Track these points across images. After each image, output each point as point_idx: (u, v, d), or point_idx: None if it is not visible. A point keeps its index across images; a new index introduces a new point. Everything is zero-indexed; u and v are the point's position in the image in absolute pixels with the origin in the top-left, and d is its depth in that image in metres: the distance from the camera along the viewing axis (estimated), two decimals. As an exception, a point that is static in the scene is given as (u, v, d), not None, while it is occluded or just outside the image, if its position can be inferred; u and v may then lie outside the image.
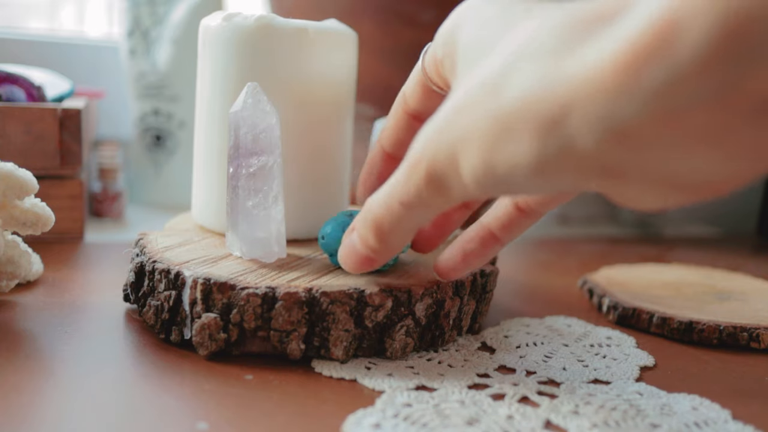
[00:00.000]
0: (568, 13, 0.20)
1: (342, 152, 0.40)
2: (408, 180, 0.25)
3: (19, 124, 0.47)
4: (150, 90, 0.64)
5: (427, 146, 0.24)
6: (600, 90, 0.18)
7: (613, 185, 0.21)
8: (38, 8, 0.79)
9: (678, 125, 0.18)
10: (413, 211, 0.25)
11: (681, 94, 0.17)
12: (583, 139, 0.19)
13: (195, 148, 0.40)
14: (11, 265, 0.35)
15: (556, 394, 0.28)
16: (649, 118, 0.18)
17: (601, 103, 0.18)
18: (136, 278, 0.33)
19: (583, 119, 0.19)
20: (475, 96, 0.22)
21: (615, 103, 0.18)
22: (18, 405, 0.25)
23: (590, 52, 0.19)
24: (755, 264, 0.59)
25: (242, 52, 0.36)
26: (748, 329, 0.36)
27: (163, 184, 0.66)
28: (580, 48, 0.19)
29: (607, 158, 0.19)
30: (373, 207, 0.27)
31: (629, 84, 0.18)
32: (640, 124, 0.18)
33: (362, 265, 0.29)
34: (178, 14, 0.63)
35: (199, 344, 0.29)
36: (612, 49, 0.18)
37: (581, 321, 0.39)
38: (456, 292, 0.33)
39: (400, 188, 0.25)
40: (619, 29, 0.18)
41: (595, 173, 0.20)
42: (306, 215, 0.38)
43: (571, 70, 0.19)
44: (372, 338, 0.30)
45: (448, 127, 0.23)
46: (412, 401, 0.27)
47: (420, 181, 0.24)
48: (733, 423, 0.27)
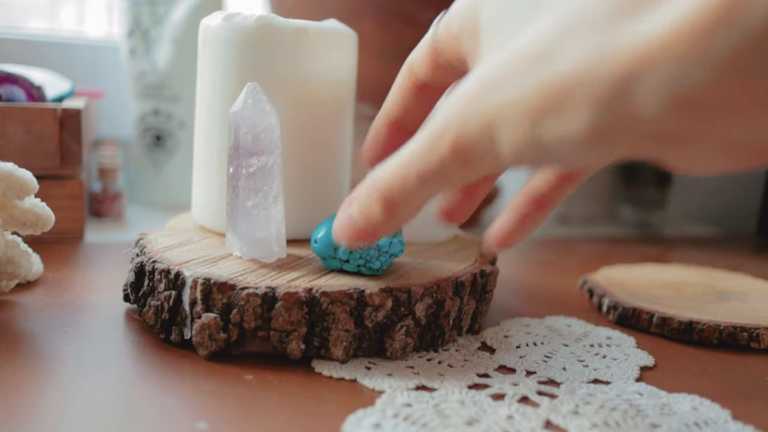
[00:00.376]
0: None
1: (342, 152, 0.40)
2: (430, 152, 0.24)
3: (19, 124, 0.47)
4: (150, 90, 0.64)
5: (455, 118, 0.23)
6: (667, 57, 0.18)
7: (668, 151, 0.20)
8: (38, 8, 0.79)
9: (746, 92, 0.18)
10: (430, 184, 0.25)
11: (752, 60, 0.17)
12: (646, 107, 0.19)
13: (195, 148, 0.40)
14: (11, 265, 0.35)
15: (556, 394, 0.28)
16: (717, 85, 0.18)
17: (668, 70, 0.18)
18: (136, 278, 0.33)
19: (648, 87, 0.19)
20: (517, 66, 0.22)
21: (683, 69, 0.18)
22: (18, 405, 0.25)
23: (652, 19, 0.19)
24: (755, 264, 0.59)
25: (242, 52, 0.36)
26: (748, 329, 0.36)
27: (163, 184, 0.66)
28: (639, 16, 0.19)
29: (669, 126, 0.19)
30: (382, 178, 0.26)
31: (698, 50, 0.18)
32: (707, 91, 0.18)
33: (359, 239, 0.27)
34: (178, 14, 0.63)
35: (199, 344, 0.29)
36: (678, 15, 0.18)
37: (581, 321, 0.39)
38: (456, 292, 0.33)
39: (419, 160, 0.24)
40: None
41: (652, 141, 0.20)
42: (306, 215, 0.38)
43: (632, 37, 0.19)
44: (372, 338, 0.30)
45: (482, 98, 0.22)
46: (412, 401, 0.27)
47: (445, 152, 0.24)
48: (733, 423, 0.27)
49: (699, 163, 0.21)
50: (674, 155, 0.21)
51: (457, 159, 0.23)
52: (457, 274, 0.33)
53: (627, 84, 0.19)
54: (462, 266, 0.35)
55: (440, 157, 0.24)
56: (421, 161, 0.24)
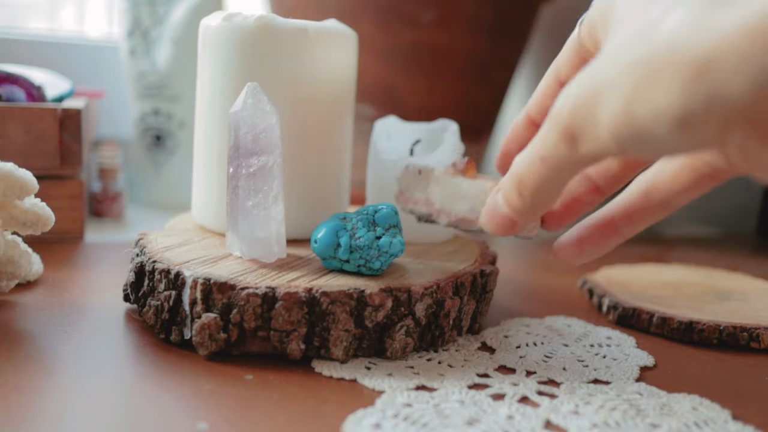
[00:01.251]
0: None
1: (342, 152, 0.40)
2: (548, 134, 0.25)
3: (19, 124, 0.47)
4: (150, 90, 0.64)
5: (569, 100, 0.24)
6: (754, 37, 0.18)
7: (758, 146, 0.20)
8: (38, 8, 0.79)
9: None
10: (553, 168, 0.25)
11: None
12: (734, 87, 0.19)
13: (195, 148, 0.40)
14: (11, 265, 0.35)
15: (556, 394, 0.28)
16: None
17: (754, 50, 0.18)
18: (136, 278, 0.33)
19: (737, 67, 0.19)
20: (624, 47, 0.22)
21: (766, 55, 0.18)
22: (18, 405, 0.25)
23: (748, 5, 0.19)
24: (755, 264, 0.59)
25: (242, 52, 0.36)
26: (748, 329, 0.36)
27: (163, 184, 0.66)
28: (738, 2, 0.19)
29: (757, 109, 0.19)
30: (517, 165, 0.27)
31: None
32: None
33: (504, 227, 0.28)
34: (178, 14, 0.63)
35: (199, 344, 0.29)
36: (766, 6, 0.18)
37: (581, 321, 0.39)
38: (456, 292, 0.33)
39: (541, 144, 0.25)
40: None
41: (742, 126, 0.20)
42: (306, 215, 0.38)
43: (728, 16, 0.19)
44: (372, 338, 0.30)
45: (592, 81, 0.23)
46: (412, 401, 0.27)
47: (558, 133, 0.24)
48: (733, 423, 0.27)
49: None
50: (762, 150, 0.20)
51: (567, 138, 0.24)
52: (457, 274, 0.33)
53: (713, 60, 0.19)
54: (462, 266, 0.35)
55: (555, 138, 0.24)
56: (542, 145, 0.25)
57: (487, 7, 0.59)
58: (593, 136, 0.23)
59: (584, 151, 0.24)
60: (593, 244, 0.30)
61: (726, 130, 0.20)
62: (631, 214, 0.30)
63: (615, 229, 0.30)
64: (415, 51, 0.59)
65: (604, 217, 0.30)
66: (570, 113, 0.24)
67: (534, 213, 0.27)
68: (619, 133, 0.22)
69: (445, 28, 0.58)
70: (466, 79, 0.61)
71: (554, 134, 0.24)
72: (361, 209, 0.33)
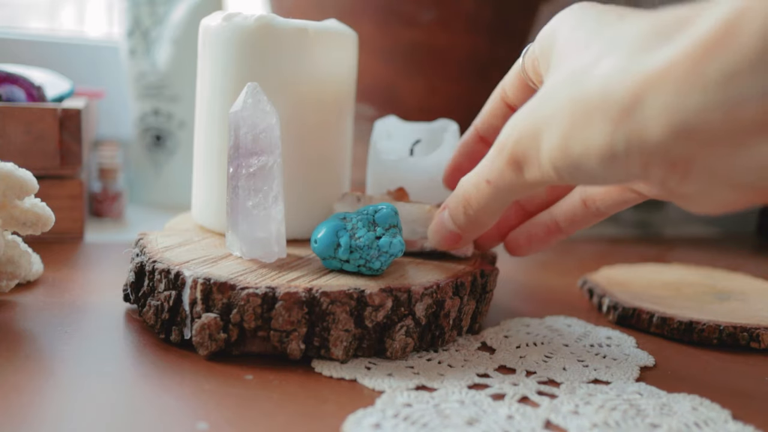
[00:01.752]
0: (655, 19, 0.22)
1: (342, 152, 0.40)
2: (495, 159, 0.27)
3: (19, 124, 0.47)
4: (150, 90, 0.64)
5: (515, 130, 0.26)
6: (669, 81, 0.20)
7: (677, 181, 0.22)
8: (38, 8, 0.79)
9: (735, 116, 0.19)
10: (498, 191, 0.28)
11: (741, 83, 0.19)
12: (652, 128, 0.21)
13: (195, 148, 0.40)
14: (11, 265, 0.35)
15: (556, 394, 0.28)
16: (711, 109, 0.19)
17: (670, 94, 0.20)
18: (136, 278, 0.33)
19: (653, 109, 0.21)
20: (562, 85, 0.24)
21: (682, 93, 0.20)
22: (18, 405, 0.25)
23: (667, 49, 0.21)
24: (755, 264, 0.59)
25: (242, 52, 0.36)
26: (748, 329, 0.36)
27: (163, 184, 0.66)
28: (660, 47, 0.21)
29: (674, 149, 0.21)
30: (464, 185, 0.29)
31: (695, 75, 0.20)
32: (703, 115, 0.20)
33: (448, 241, 0.31)
34: (178, 14, 0.63)
35: (199, 344, 0.29)
36: (684, 45, 0.20)
37: (581, 321, 0.39)
38: (456, 292, 0.33)
39: (487, 168, 0.28)
40: (694, 29, 0.20)
41: (661, 164, 0.22)
42: (306, 215, 0.38)
43: (648, 63, 0.21)
44: (372, 338, 0.30)
45: (535, 113, 0.25)
46: (412, 401, 0.27)
47: (504, 159, 0.26)
48: (733, 423, 0.27)
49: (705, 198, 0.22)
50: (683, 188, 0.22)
51: (511, 166, 0.26)
52: (457, 274, 0.33)
53: (634, 104, 0.21)
54: (462, 266, 0.35)
55: (501, 163, 0.27)
56: (489, 169, 0.28)
57: (486, 7, 0.59)
58: (536, 164, 0.25)
59: (529, 177, 0.26)
60: (540, 241, 0.35)
61: (647, 167, 0.22)
62: (572, 218, 0.34)
63: (559, 229, 0.35)
64: (415, 51, 0.59)
65: (551, 219, 0.35)
66: (515, 142, 0.26)
67: (476, 230, 0.31)
68: (557, 164, 0.24)
69: (444, 28, 0.58)
70: (466, 79, 0.61)
71: (501, 161, 0.27)
72: (361, 209, 0.33)
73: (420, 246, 0.36)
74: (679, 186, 0.22)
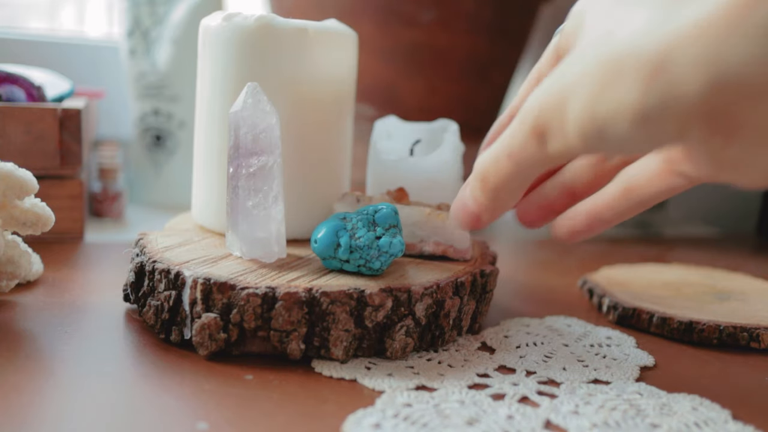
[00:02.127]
0: None
1: (342, 152, 0.40)
2: (517, 131, 0.25)
3: (19, 124, 0.47)
4: (150, 90, 0.64)
5: (538, 98, 0.24)
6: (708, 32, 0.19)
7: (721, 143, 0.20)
8: (38, 8, 0.79)
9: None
10: (520, 165, 0.26)
11: None
12: (689, 84, 0.19)
13: (195, 148, 0.40)
14: (11, 265, 0.35)
15: (556, 394, 0.28)
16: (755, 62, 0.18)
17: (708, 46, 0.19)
18: (136, 278, 0.33)
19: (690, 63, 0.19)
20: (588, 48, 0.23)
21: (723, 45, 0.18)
22: (18, 405, 0.25)
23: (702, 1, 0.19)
24: (755, 264, 0.59)
25: (242, 52, 0.36)
26: (748, 329, 0.36)
27: (163, 184, 0.66)
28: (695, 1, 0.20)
29: (713, 105, 0.19)
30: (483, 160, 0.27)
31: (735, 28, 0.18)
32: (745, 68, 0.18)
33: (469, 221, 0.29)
34: (178, 14, 0.63)
35: (199, 344, 0.29)
36: None
37: (581, 321, 0.39)
38: (456, 292, 0.33)
39: (507, 141, 0.26)
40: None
41: (700, 123, 0.20)
42: (306, 215, 0.38)
43: (683, 15, 0.20)
44: (372, 338, 0.30)
45: (559, 81, 0.23)
46: (412, 401, 0.27)
47: (527, 130, 0.25)
48: (733, 423, 0.27)
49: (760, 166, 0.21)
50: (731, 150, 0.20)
51: (535, 135, 0.24)
52: (457, 274, 0.33)
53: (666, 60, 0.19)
54: (462, 266, 0.35)
55: (523, 135, 0.25)
56: (510, 142, 0.26)
57: (486, 7, 0.59)
58: (561, 134, 0.24)
59: (552, 149, 0.24)
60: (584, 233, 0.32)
61: (684, 127, 0.20)
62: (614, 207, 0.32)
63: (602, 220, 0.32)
64: (415, 51, 0.59)
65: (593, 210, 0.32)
66: (539, 111, 0.24)
67: (496, 209, 0.28)
68: (584, 131, 0.23)
69: (444, 28, 0.58)
70: (465, 79, 0.61)
71: (524, 131, 0.25)
72: (361, 209, 0.33)
73: (419, 249, 0.36)
74: (723, 149, 0.20)
